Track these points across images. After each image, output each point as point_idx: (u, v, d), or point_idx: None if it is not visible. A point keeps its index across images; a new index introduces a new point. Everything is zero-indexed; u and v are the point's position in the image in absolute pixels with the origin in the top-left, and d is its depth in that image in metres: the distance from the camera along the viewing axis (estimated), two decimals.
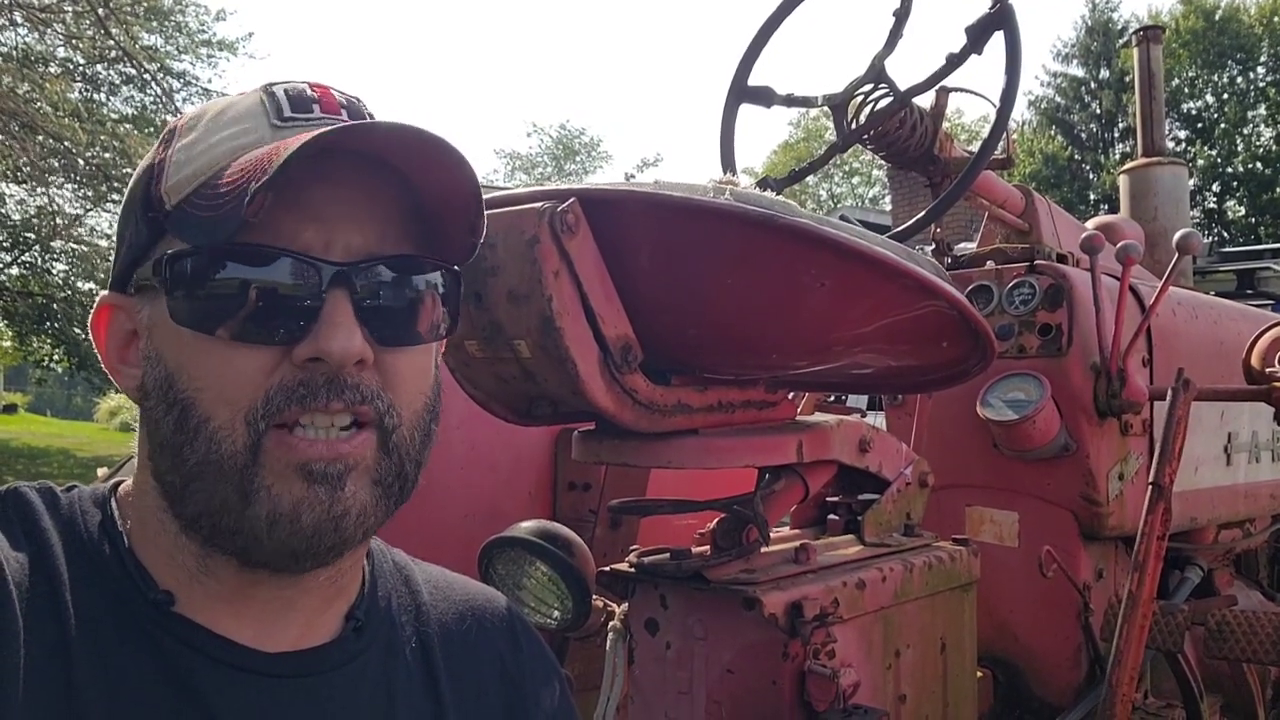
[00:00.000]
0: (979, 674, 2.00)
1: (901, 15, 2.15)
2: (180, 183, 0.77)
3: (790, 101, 2.30)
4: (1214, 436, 2.65)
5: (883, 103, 2.17)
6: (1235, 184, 27.16)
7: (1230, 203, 27.65)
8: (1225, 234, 26.56)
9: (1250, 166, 26.69)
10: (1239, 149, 27.12)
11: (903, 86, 2.14)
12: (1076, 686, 2.34)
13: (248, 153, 0.75)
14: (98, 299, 0.85)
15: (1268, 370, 2.14)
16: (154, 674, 0.74)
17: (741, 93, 2.33)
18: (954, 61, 2.09)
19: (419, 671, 0.90)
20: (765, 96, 2.31)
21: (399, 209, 0.80)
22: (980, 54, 2.05)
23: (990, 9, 2.02)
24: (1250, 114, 27.07)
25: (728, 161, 2.33)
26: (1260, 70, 27.06)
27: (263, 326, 0.74)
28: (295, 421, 0.74)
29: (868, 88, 2.17)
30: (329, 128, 0.73)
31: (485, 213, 0.82)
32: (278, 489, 0.74)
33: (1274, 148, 26.65)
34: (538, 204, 1.24)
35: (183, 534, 0.78)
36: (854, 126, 2.19)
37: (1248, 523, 2.92)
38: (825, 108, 2.21)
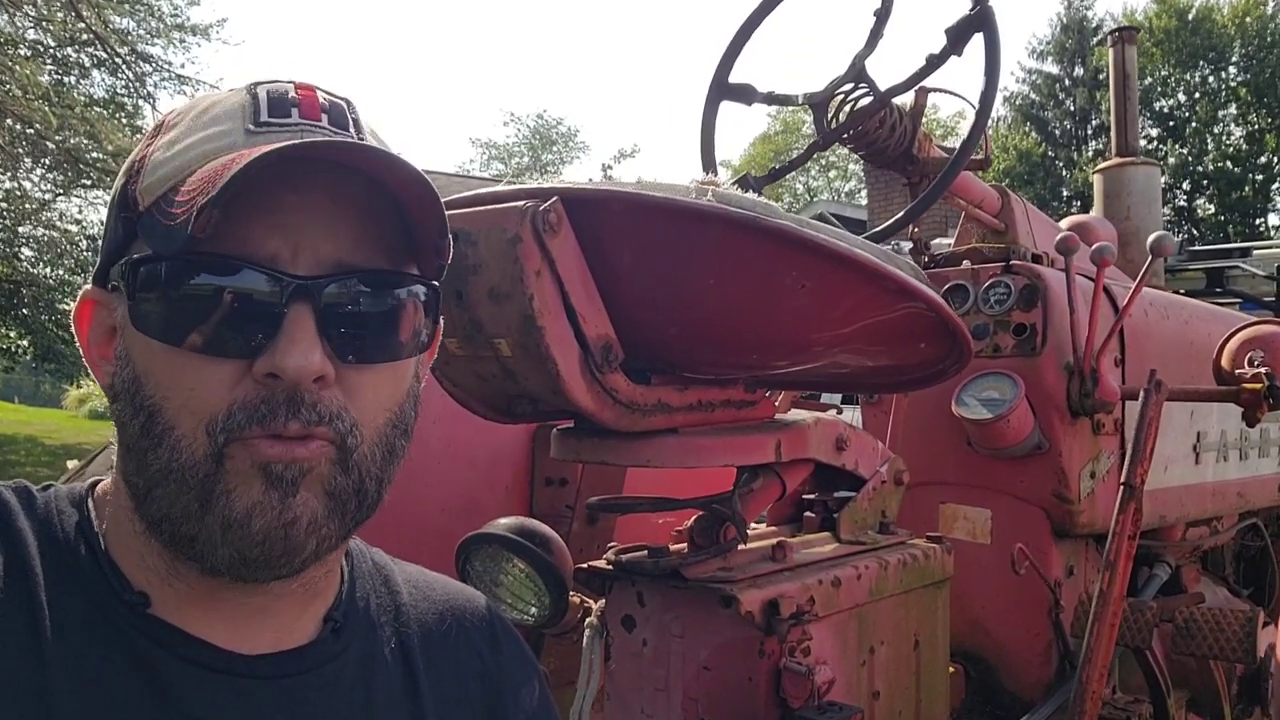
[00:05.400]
0: (951, 669, 2.02)
1: (882, 15, 2.17)
2: (153, 185, 0.75)
3: (771, 99, 2.31)
4: (1183, 435, 2.68)
5: (863, 102, 2.18)
6: (1205, 182, 27.39)
7: (1200, 201, 27.90)
8: (1195, 231, 26.81)
9: (1220, 165, 26.91)
10: (1210, 148, 27.35)
11: (883, 86, 2.16)
12: (1047, 682, 2.37)
13: (217, 158, 0.73)
14: (80, 293, 0.84)
15: (1237, 371, 2.17)
16: (130, 676, 0.74)
17: (722, 90, 2.34)
18: (934, 62, 2.10)
19: (398, 672, 0.90)
20: (746, 94, 2.32)
21: (376, 215, 0.78)
22: (960, 55, 2.07)
23: (970, 11, 2.04)
24: (1221, 113, 27.29)
25: (708, 161, 2.33)
26: (1232, 70, 27.29)
27: (224, 339, 0.72)
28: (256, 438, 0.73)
29: (848, 87, 2.19)
30: (277, 145, 0.70)
31: (450, 233, 0.80)
32: (238, 492, 0.72)
33: (1244, 147, 26.90)
34: (520, 203, 1.24)
35: (149, 535, 0.77)
36: (834, 125, 2.20)
37: (1215, 520, 2.96)
38: (806, 106, 2.22)
